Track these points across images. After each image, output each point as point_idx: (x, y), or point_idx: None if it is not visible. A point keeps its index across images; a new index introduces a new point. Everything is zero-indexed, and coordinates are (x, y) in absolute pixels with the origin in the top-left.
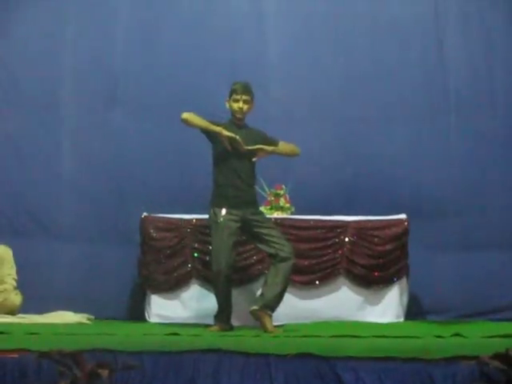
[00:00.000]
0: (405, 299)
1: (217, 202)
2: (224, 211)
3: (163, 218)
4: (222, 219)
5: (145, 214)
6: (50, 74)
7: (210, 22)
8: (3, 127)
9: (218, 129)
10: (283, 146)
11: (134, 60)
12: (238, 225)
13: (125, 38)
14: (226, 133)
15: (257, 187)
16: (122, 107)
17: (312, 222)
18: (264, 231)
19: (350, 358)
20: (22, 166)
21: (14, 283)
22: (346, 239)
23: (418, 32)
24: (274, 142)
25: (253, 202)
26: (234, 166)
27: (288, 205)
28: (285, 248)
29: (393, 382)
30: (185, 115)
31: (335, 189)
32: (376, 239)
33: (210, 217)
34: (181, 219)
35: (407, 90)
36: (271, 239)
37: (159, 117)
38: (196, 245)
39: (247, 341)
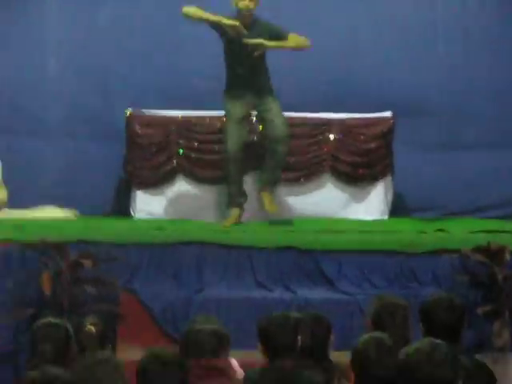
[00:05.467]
0: (389, 197)
1: (226, 93)
2: (231, 101)
3: (149, 114)
4: (229, 108)
5: (130, 110)
6: None
7: None
8: None
9: (217, 18)
10: (291, 40)
11: None
12: (245, 111)
13: None
14: (225, 21)
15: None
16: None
17: (297, 120)
18: (265, 113)
19: (333, 251)
20: (8, 64)
21: None
22: (331, 136)
23: None
24: (282, 35)
25: (261, 91)
26: (240, 57)
27: None
28: (278, 129)
29: (375, 275)
30: (185, 9)
31: (326, 87)
32: (361, 137)
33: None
34: (166, 116)
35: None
36: (269, 119)
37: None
38: (182, 141)
39: (231, 234)
